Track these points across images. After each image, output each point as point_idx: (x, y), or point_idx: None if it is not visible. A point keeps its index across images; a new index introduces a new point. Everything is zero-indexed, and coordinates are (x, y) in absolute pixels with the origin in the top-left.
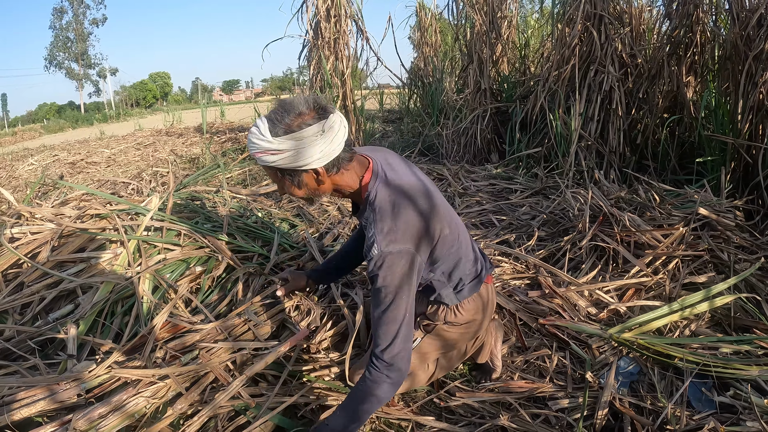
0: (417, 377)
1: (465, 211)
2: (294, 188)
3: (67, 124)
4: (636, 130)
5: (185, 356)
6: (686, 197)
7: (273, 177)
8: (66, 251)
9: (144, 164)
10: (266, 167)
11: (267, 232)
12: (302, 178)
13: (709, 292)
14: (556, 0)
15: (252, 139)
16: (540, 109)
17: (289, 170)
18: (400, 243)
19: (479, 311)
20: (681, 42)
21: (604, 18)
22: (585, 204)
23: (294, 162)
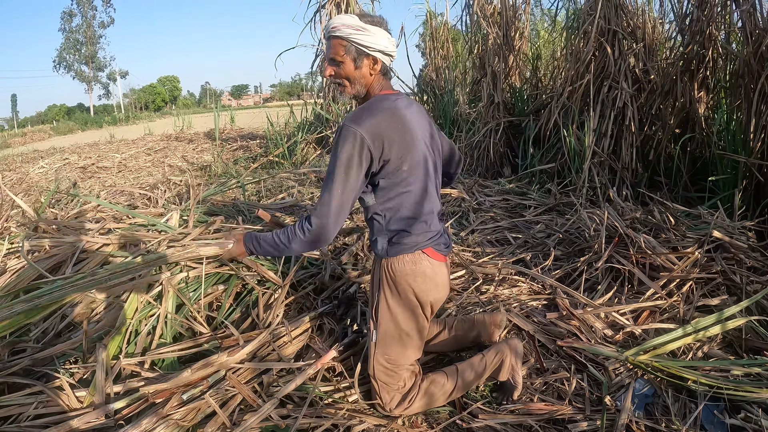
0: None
1: (480, 227)
2: (350, 66)
3: (77, 126)
4: (648, 146)
5: (212, 377)
6: (700, 218)
7: (339, 53)
8: (87, 268)
9: (155, 170)
10: (340, 43)
11: None
12: (363, 60)
13: (721, 315)
14: (570, 14)
15: (342, 18)
16: (554, 125)
17: (359, 47)
18: (359, 126)
19: (415, 279)
20: (693, 58)
21: (617, 33)
22: (601, 225)
23: (368, 41)
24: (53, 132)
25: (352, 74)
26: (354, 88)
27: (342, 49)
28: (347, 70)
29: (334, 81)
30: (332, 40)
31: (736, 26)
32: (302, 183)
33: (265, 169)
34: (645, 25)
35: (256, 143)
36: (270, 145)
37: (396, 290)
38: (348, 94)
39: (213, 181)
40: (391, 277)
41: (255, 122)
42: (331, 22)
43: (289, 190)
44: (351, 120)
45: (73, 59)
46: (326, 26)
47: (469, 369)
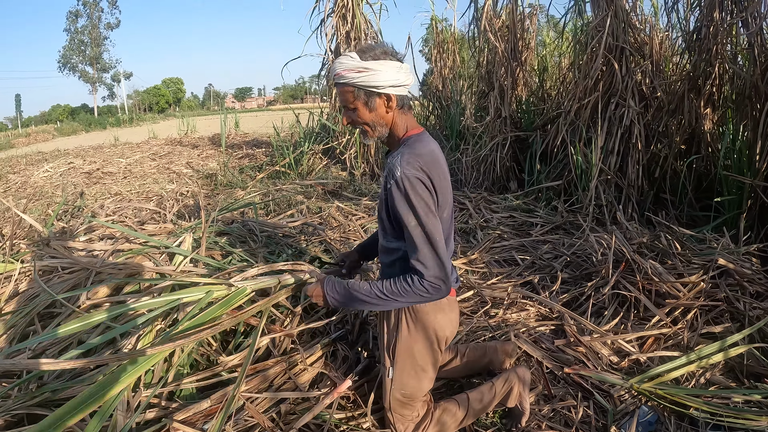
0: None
1: (488, 245)
2: (364, 111)
3: (80, 127)
4: (654, 164)
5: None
6: (705, 242)
7: (349, 100)
8: (102, 294)
9: (160, 177)
10: (347, 90)
11: None
12: (375, 101)
13: (724, 343)
14: (577, 27)
15: (342, 61)
16: (561, 141)
17: (368, 90)
18: (419, 172)
19: (435, 316)
20: (700, 76)
21: (625, 50)
22: (609, 249)
23: (374, 81)
24: (57, 133)
25: (368, 118)
26: (376, 132)
27: (351, 95)
28: (363, 115)
29: (355, 127)
30: (339, 88)
31: (744, 46)
32: (309, 196)
33: (272, 179)
34: (652, 40)
35: (262, 151)
36: (276, 155)
37: (416, 328)
38: (372, 138)
39: (219, 191)
40: (412, 316)
41: (259, 126)
42: (333, 68)
43: (298, 206)
44: (409, 167)
45: (77, 60)
46: (331, 72)
47: (480, 397)
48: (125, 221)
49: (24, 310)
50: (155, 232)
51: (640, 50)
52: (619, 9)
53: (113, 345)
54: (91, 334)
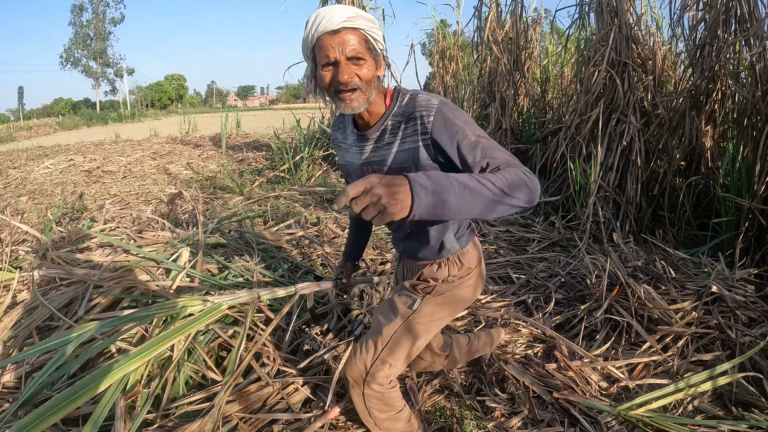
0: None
1: (486, 261)
2: (372, 67)
3: (82, 122)
4: (653, 181)
5: (224, 427)
6: (701, 266)
7: (362, 50)
8: (98, 309)
9: (160, 178)
10: (363, 37)
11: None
12: (380, 59)
13: (713, 372)
14: (580, 39)
15: (357, 11)
16: (560, 156)
17: (378, 44)
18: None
19: (479, 260)
20: (702, 94)
21: (628, 65)
22: (603, 271)
23: (380, 37)
24: (58, 127)
25: (371, 76)
26: (370, 95)
27: (365, 43)
28: (369, 72)
29: (351, 87)
30: (349, 33)
31: (746, 66)
32: (307, 203)
33: (271, 184)
34: (655, 56)
35: (262, 155)
36: (276, 159)
37: (472, 280)
38: (362, 104)
39: (218, 195)
40: (466, 266)
41: (261, 125)
42: (339, 11)
43: (296, 216)
44: (434, 98)
45: (81, 54)
46: (326, 18)
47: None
48: (123, 228)
49: (23, 323)
50: (153, 242)
51: (643, 65)
52: (623, 23)
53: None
54: (90, 346)
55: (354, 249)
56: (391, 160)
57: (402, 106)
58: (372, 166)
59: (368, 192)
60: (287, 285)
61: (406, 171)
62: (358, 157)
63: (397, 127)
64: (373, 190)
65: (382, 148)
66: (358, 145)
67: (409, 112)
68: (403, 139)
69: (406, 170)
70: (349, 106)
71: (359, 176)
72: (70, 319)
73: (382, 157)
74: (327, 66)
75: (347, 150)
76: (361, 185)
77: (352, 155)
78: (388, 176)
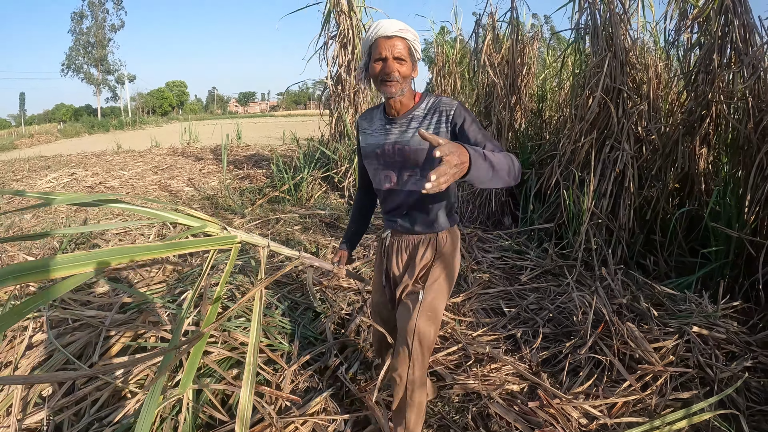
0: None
1: (476, 291)
2: (410, 66)
3: (83, 129)
4: (646, 206)
5: None
6: (685, 302)
7: (405, 54)
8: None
9: (162, 195)
10: (407, 45)
11: (289, 325)
12: (416, 63)
13: (689, 411)
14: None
15: (407, 26)
16: (555, 183)
17: (417, 53)
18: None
19: (459, 241)
20: (696, 121)
21: (622, 92)
22: (589, 308)
23: (419, 49)
24: (60, 134)
25: (408, 73)
26: (404, 86)
27: (408, 50)
28: (407, 70)
29: (393, 79)
30: (398, 40)
31: (738, 96)
32: (307, 227)
33: (271, 204)
34: (651, 80)
35: (263, 172)
36: (275, 178)
37: (450, 256)
38: (399, 90)
39: (220, 215)
40: (450, 242)
41: (261, 135)
42: (395, 24)
43: (295, 245)
44: (455, 100)
45: (82, 61)
46: (384, 27)
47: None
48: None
49: (43, 368)
50: (158, 279)
51: (638, 90)
52: (619, 49)
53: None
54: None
55: (353, 237)
56: (412, 139)
57: (430, 103)
58: (396, 145)
59: (450, 164)
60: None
61: (423, 150)
62: (383, 138)
63: (424, 117)
64: (451, 160)
65: (407, 132)
66: (385, 128)
67: (436, 107)
68: (429, 126)
69: (422, 149)
70: (389, 90)
71: (381, 153)
72: (85, 363)
73: (406, 138)
74: (378, 61)
75: (371, 134)
76: (447, 148)
77: (376, 138)
78: (458, 148)
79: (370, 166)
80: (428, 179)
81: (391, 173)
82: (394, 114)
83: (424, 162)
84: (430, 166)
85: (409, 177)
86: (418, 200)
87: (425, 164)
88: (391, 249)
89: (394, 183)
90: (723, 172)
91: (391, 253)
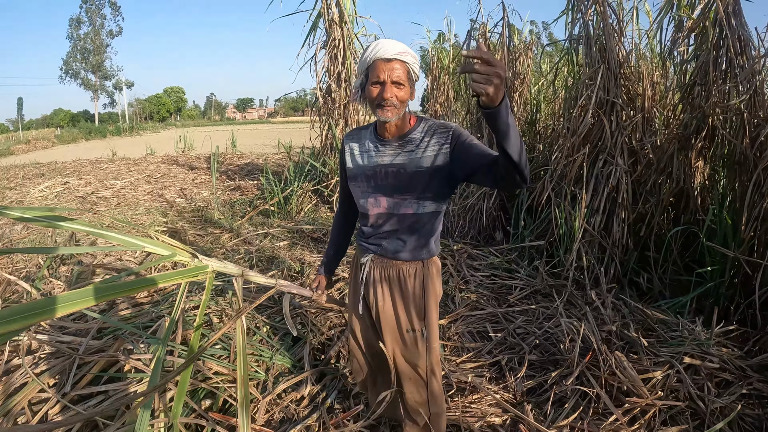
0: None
1: (463, 312)
2: (408, 90)
3: (81, 135)
4: (641, 222)
5: None
6: (678, 329)
7: (404, 78)
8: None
9: (154, 206)
10: (406, 68)
11: (267, 352)
12: (414, 88)
13: None
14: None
15: (407, 48)
16: (547, 199)
17: (415, 77)
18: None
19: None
20: (692, 135)
21: (616, 105)
22: (577, 336)
23: (418, 70)
24: (57, 140)
25: (406, 98)
26: (402, 111)
27: (407, 74)
28: (405, 94)
29: (390, 104)
30: (398, 63)
31: (734, 111)
32: (295, 242)
33: (262, 216)
34: (645, 92)
35: (254, 184)
36: (265, 192)
37: (437, 279)
38: (396, 115)
39: (208, 232)
40: (436, 267)
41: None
42: (395, 46)
43: (280, 265)
44: (452, 123)
45: (79, 67)
46: (384, 48)
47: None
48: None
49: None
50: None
51: (632, 102)
52: (612, 61)
53: None
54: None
55: (332, 260)
56: (409, 163)
57: (427, 127)
58: (390, 168)
59: (493, 66)
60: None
61: (420, 173)
62: (375, 160)
63: (421, 140)
64: (497, 69)
65: (403, 154)
66: (377, 150)
67: (434, 130)
68: (426, 149)
69: (420, 172)
70: (386, 114)
71: (372, 176)
72: (58, 392)
73: (402, 161)
74: (376, 84)
75: (360, 155)
76: (489, 56)
77: (366, 159)
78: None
79: (356, 188)
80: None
81: (381, 197)
82: (387, 136)
83: (419, 185)
84: (425, 189)
85: (401, 200)
86: (410, 224)
87: (420, 187)
88: (371, 276)
89: (384, 207)
90: (719, 186)
91: (372, 281)
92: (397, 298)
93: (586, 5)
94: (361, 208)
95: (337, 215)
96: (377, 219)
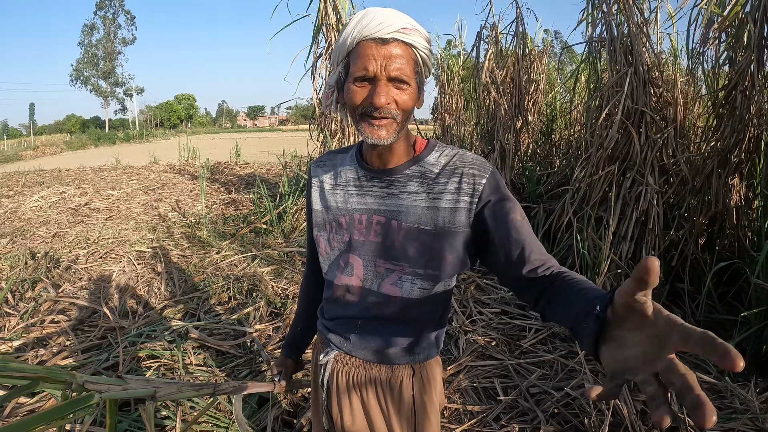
0: None
1: (468, 362)
2: (413, 95)
3: (90, 141)
4: (673, 249)
5: None
6: (726, 394)
7: (409, 72)
8: None
9: (144, 221)
10: (413, 56)
11: (223, 421)
12: (423, 90)
13: None
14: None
15: (411, 21)
16: (567, 223)
17: (426, 69)
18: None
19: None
20: (731, 150)
21: (645, 114)
22: (607, 408)
23: (430, 61)
24: (65, 147)
25: (410, 106)
26: (401, 128)
27: (414, 65)
28: (409, 100)
29: (384, 115)
30: (399, 47)
31: None
32: (283, 267)
33: (253, 234)
34: (676, 100)
35: (249, 198)
36: (257, 210)
37: (439, 391)
38: (391, 133)
39: (194, 252)
40: (438, 372)
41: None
42: (394, 18)
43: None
44: (483, 160)
45: (90, 73)
46: (376, 21)
47: None
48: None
49: None
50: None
51: (662, 112)
52: (640, 65)
53: None
54: None
55: (300, 339)
56: (409, 213)
57: (444, 158)
58: (376, 215)
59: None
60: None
61: (423, 232)
62: (354, 201)
63: (435, 179)
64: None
65: (400, 196)
66: (359, 185)
67: (456, 166)
68: (438, 195)
69: (423, 231)
70: (376, 134)
71: (346, 225)
72: None
73: (396, 208)
74: (362, 80)
75: (333, 192)
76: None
77: (341, 198)
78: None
79: (322, 240)
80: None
81: (356, 259)
82: (377, 164)
83: (419, 249)
84: (431, 258)
85: (386, 271)
86: (398, 312)
87: (421, 252)
88: (333, 383)
89: (359, 276)
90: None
91: (335, 389)
92: (374, 414)
93: (609, 2)
94: (325, 273)
95: (304, 278)
96: (345, 293)
